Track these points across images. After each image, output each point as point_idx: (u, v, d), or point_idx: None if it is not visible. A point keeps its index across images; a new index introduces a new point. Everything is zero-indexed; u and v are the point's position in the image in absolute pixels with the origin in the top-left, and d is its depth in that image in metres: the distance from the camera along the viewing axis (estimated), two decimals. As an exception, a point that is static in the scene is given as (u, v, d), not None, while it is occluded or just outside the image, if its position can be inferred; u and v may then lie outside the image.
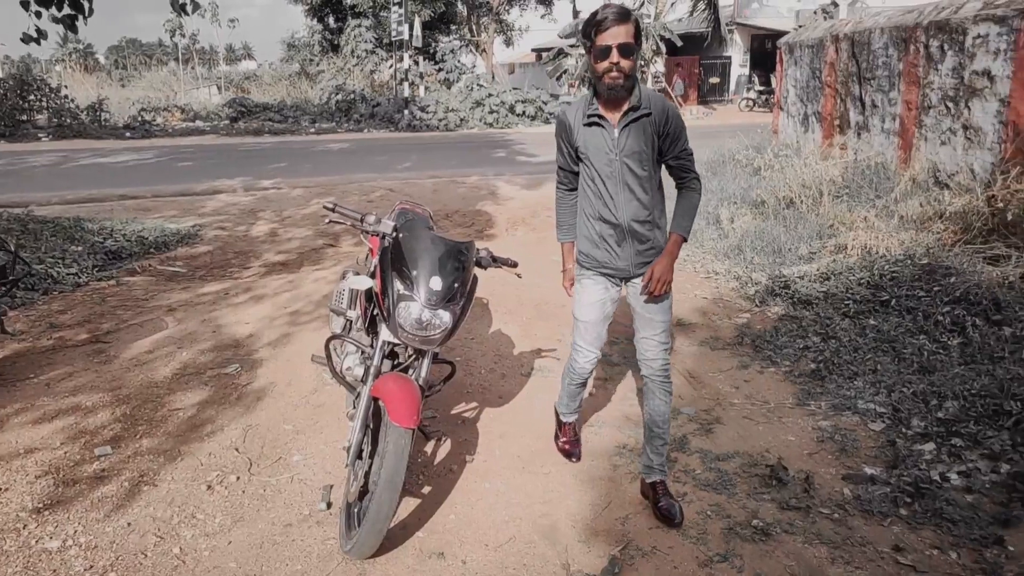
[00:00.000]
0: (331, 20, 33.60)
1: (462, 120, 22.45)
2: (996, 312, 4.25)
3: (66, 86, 21.61)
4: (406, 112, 22.33)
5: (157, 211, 8.91)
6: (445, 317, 2.59)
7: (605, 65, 2.55)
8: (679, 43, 23.39)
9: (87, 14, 7.16)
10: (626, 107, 2.64)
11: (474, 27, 37.21)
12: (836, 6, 9.71)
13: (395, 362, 2.85)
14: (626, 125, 2.65)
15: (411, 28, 23.37)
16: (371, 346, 2.84)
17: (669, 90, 25.32)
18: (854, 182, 7.13)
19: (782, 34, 11.62)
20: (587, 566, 2.58)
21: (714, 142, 10.26)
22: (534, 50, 44.02)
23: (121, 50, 77.33)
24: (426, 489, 3.05)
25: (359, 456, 2.66)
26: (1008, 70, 5.75)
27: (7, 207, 8.03)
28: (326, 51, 33.22)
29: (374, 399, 2.62)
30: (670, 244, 2.75)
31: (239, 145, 17.52)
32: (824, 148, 8.54)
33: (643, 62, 21.79)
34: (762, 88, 26.89)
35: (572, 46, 23.41)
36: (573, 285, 3.00)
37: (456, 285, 2.63)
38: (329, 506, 2.89)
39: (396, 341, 2.68)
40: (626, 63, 2.55)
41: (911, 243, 5.43)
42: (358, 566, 2.56)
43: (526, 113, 23.24)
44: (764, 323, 4.89)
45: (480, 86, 24.23)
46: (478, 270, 2.89)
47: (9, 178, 11.69)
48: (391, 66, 27.51)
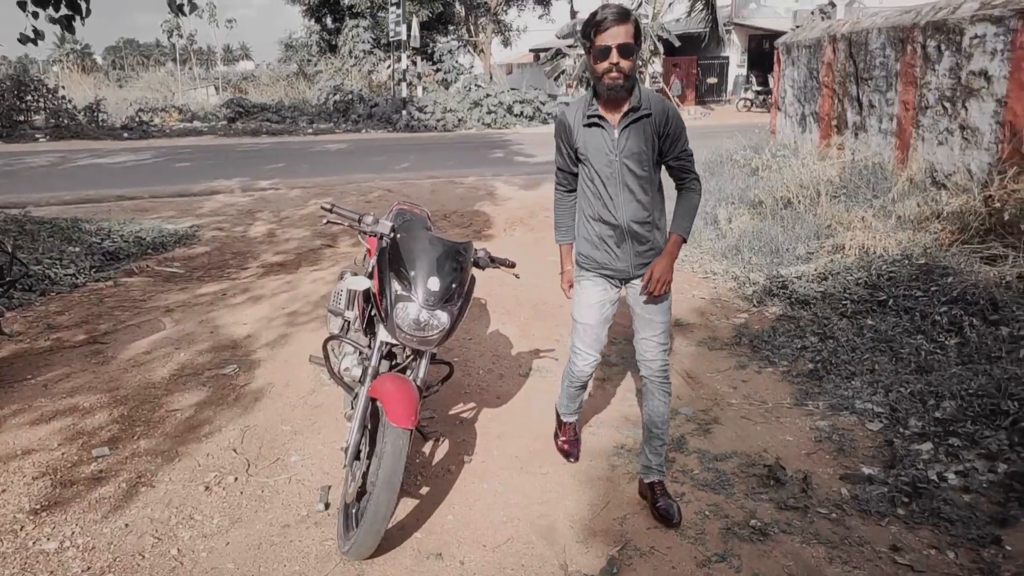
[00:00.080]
0: (329, 20, 33.61)
1: (460, 120, 22.46)
2: (993, 312, 4.26)
3: (63, 87, 21.55)
4: (404, 112, 22.32)
5: (155, 212, 8.90)
6: (443, 318, 2.59)
7: (605, 66, 2.55)
8: (677, 43, 23.42)
9: (84, 14, 7.16)
10: (626, 108, 2.64)
11: (472, 27, 37.21)
12: (833, 6, 9.71)
13: (393, 363, 2.85)
14: (626, 126, 2.65)
15: (409, 28, 23.38)
16: (369, 347, 2.84)
17: (667, 90, 25.33)
18: (851, 182, 7.14)
19: (780, 34, 11.63)
20: (585, 566, 2.58)
21: (712, 142, 10.27)
22: (532, 50, 44.07)
23: (119, 50, 77.23)
24: (424, 490, 3.05)
25: (357, 457, 2.66)
26: (1005, 70, 5.76)
27: (4, 208, 8.01)
28: (324, 51, 33.23)
29: (372, 400, 2.62)
30: (670, 244, 2.75)
31: (237, 146, 17.51)
32: (822, 148, 8.54)
33: (641, 63, 21.79)
34: (760, 88, 26.95)
35: (570, 46, 23.42)
36: (572, 287, 2.99)
37: (454, 286, 2.63)
38: (327, 507, 2.89)
39: (394, 342, 2.68)
40: (626, 63, 2.55)
41: (908, 243, 5.43)
42: (356, 567, 2.55)
43: (524, 113, 23.26)
44: (762, 323, 4.89)
45: (478, 86, 24.24)
46: (476, 270, 2.89)
47: (6, 179, 11.67)
48: (389, 66, 27.50)
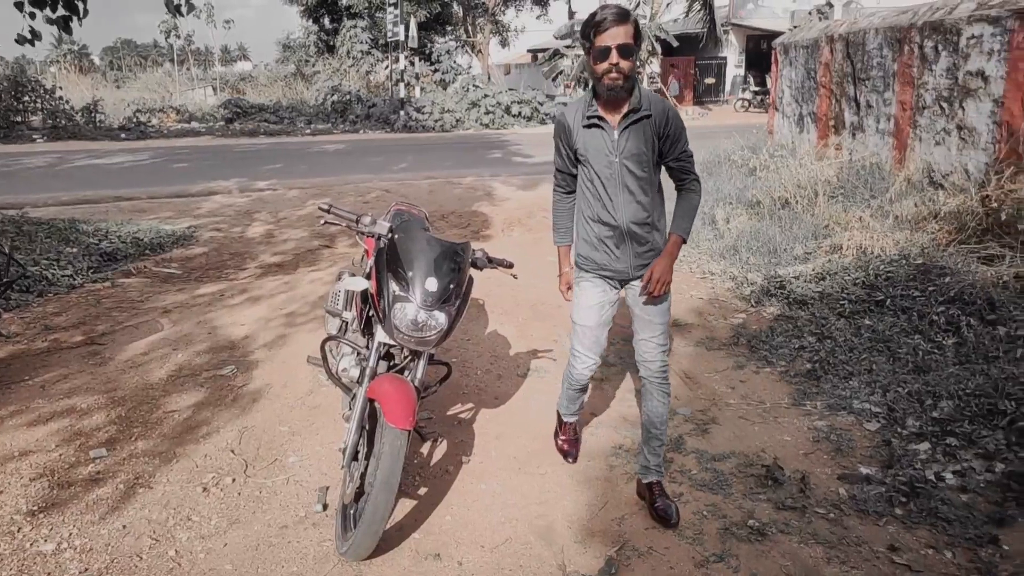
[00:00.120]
0: (327, 21, 33.60)
1: (458, 121, 22.45)
2: (990, 312, 4.26)
3: (61, 87, 21.49)
4: (402, 113, 22.31)
5: (152, 212, 8.89)
6: (441, 318, 2.58)
7: (604, 66, 2.54)
8: (675, 44, 23.42)
9: (81, 15, 7.14)
10: (626, 109, 2.63)
11: (470, 28, 37.22)
12: (831, 7, 9.71)
13: (391, 363, 2.85)
14: (626, 127, 2.64)
15: (407, 29, 23.35)
16: (367, 347, 2.84)
17: (664, 91, 25.35)
18: (849, 182, 7.15)
19: (777, 34, 11.64)
20: (583, 567, 2.58)
21: (710, 143, 10.27)
22: (530, 51, 44.06)
23: (116, 51, 77.19)
24: (422, 490, 3.05)
25: (355, 457, 2.66)
26: (1002, 70, 5.77)
27: (1, 209, 7.99)
28: (322, 52, 33.21)
29: (370, 400, 2.62)
30: (669, 245, 2.74)
31: (234, 146, 17.49)
32: (819, 148, 8.55)
33: (639, 63, 21.80)
34: (757, 89, 26.98)
35: (568, 47, 23.42)
36: (570, 289, 2.99)
37: (452, 286, 2.63)
38: (325, 508, 2.88)
39: (392, 342, 2.68)
40: (625, 64, 2.54)
41: (906, 243, 5.44)
42: (354, 568, 2.55)
43: (522, 114, 23.25)
44: (760, 323, 4.89)
45: (476, 87, 24.21)
46: (474, 271, 2.88)
47: (3, 180, 11.65)
48: (387, 67, 27.49)
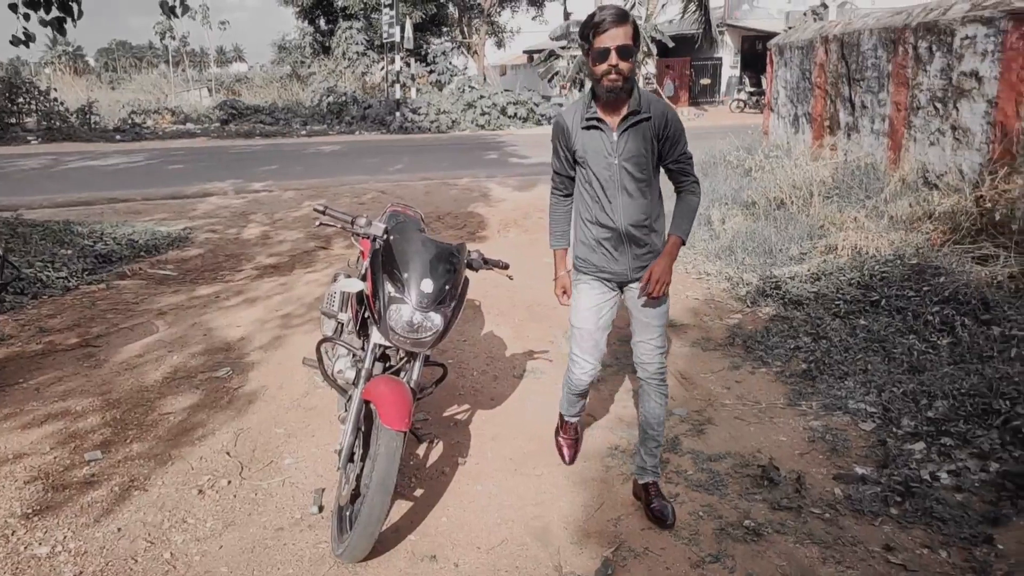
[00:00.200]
0: (322, 22, 33.58)
1: (454, 122, 22.44)
2: (985, 311, 4.28)
3: (55, 89, 21.44)
4: (397, 114, 22.29)
5: (147, 214, 8.87)
6: (436, 319, 2.58)
7: (604, 67, 2.53)
8: (671, 44, 23.47)
9: (76, 17, 7.12)
10: (625, 111, 2.62)
11: (465, 29, 37.23)
12: (826, 8, 9.73)
13: (386, 365, 2.85)
14: (625, 129, 2.63)
15: (402, 30, 23.34)
16: (362, 349, 2.83)
17: (660, 91, 25.39)
18: (844, 183, 7.17)
19: (772, 35, 11.66)
20: (579, 568, 2.58)
21: (705, 143, 10.28)
22: (526, 52, 44.09)
23: (111, 52, 76.91)
24: (418, 492, 3.05)
25: (351, 459, 2.66)
26: (996, 71, 5.79)
27: (-4, 211, 7.97)
28: (317, 53, 33.18)
29: (365, 402, 2.62)
30: (669, 245, 2.73)
31: (230, 147, 17.46)
32: (814, 149, 8.57)
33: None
34: (753, 89, 27.02)
35: (563, 48, 23.45)
36: (565, 293, 2.96)
37: (447, 287, 2.62)
38: (321, 510, 2.88)
39: (387, 344, 2.68)
40: (625, 65, 2.53)
41: (901, 243, 5.45)
42: (350, 570, 2.55)
43: (518, 115, 23.26)
44: (755, 324, 4.90)
45: (472, 88, 24.22)
46: (470, 272, 2.88)
47: (-2, 181, 11.62)
48: (382, 68, 27.50)
